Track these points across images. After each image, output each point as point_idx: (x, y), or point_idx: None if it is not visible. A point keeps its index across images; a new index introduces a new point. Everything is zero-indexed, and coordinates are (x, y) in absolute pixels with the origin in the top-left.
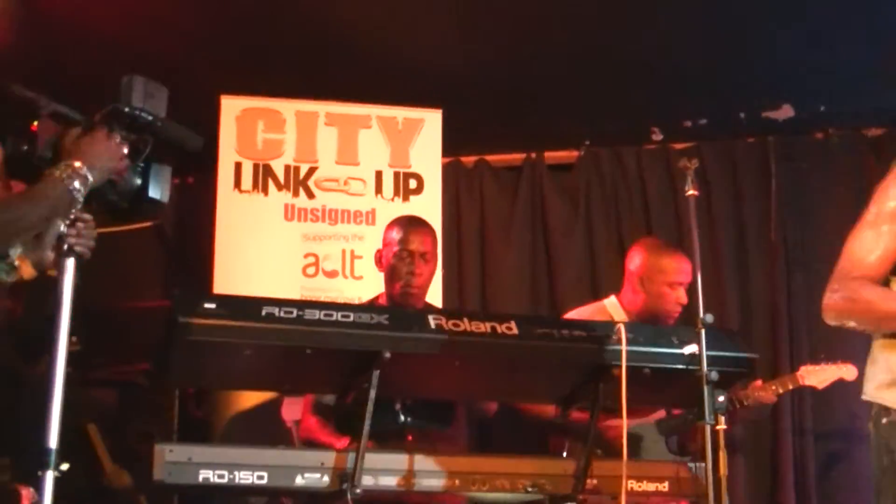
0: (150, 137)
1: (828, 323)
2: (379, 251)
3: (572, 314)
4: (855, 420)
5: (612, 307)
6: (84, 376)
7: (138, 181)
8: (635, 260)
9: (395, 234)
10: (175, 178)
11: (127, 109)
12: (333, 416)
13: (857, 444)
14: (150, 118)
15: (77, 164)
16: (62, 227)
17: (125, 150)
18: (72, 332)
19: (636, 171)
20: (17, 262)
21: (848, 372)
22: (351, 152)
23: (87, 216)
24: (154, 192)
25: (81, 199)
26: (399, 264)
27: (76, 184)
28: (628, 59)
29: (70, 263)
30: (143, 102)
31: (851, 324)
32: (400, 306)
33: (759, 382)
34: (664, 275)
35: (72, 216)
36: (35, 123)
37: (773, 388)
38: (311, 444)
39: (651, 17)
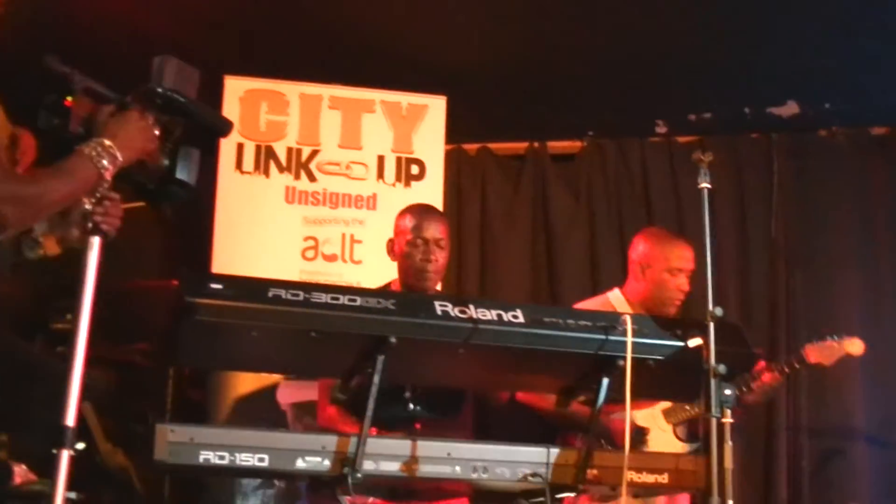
0: (181, 119)
1: None
2: (391, 240)
3: (577, 306)
4: (849, 417)
5: (616, 300)
6: None
7: (167, 163)
8: (638, 248)
9: (409, 222)
10: None
11: (160, 90)
12: (350, 404)
13: (851, 440)
14: (183, 100)
15: (108, 142)
16: (88, 205)
17: (157, 132)
18: (67, 311)
19: (639, 164)
20: (41, 239)
21: (854, 346)
22: (354, 136)
23: (115, 195)
24: (182, 174)
25: (109, 178)
26: (414, 251)
27: (105, 162)
28: (634, 51)
29: (96, 241)
30: (175, 84)
31: None
32: (403, 292)
33: (763, 364)
34: (665, 261)
35: (99, 194)
36: (69, 99)
37: (780, 368)
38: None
39: (658, 11)
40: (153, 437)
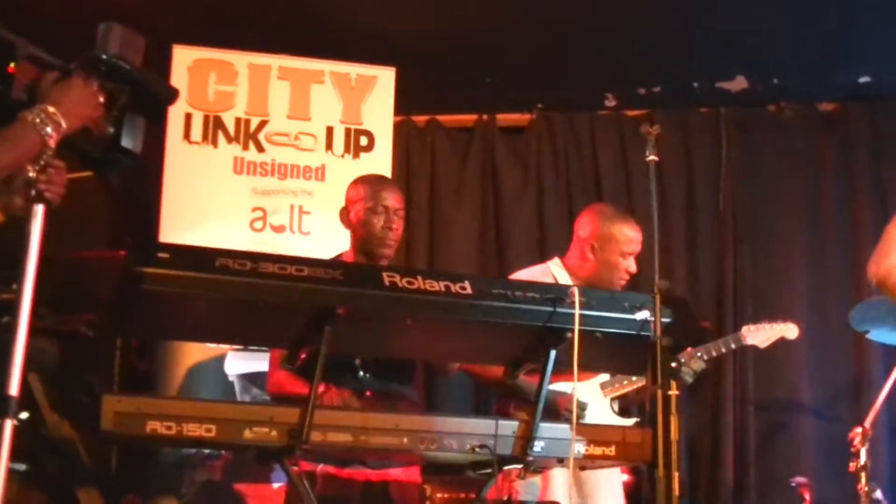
0: (126, 87)
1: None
2: (344, 208)
3: (517, 275)
4: (796, 391)
5: (556, 269)
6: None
7: (112, 130)
8: (587, 227)
9: (369, 190)
10: None
11: (105, 57)
12: (299, 371)
13: (796, 415)
14: (128, 67)
15: (51, 109)
16: (31, 173)
17: (101, 99)
18: (13, 281)
19: (588, 137)
20: None
21: (790, 331)
22: (303, 107)
23: (59, 162)
24: (127, 143)
25: (53, 145)
26: (374, 219)
27: (48, 129)
28: (584, 24)
29: (39, 210)
30: (120, 51)
31: None
32: (350, 263)
33: (689, 350)
34: (617, 244)
35: (42, 161)
36: (12, 65)
37: (715, 350)
38: (282, 398)
39: None
40: (100, 408)
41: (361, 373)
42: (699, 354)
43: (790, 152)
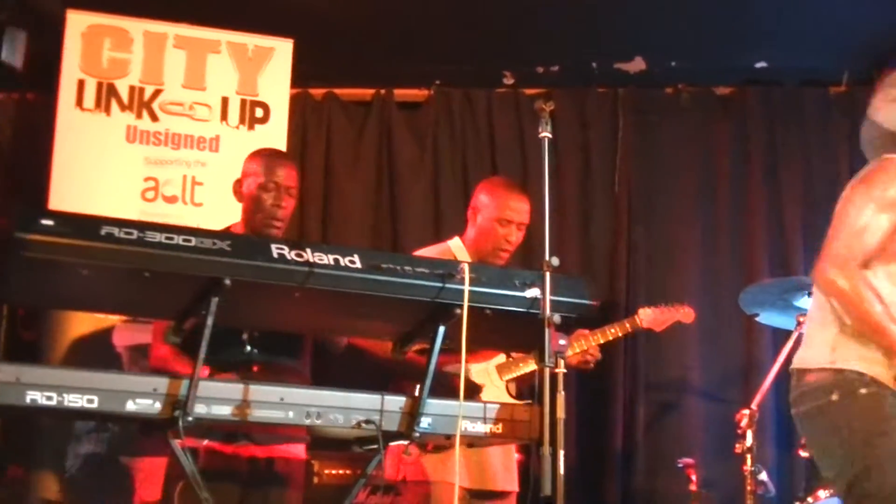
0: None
1: (819, 290)
2: (238, 180)
3: (418, 253)
4: (686, 372)
5: (456, 249)
6: None
7: None
8: (475, 198)
9: (263, 165)
10: (14, 93)
11: None
12: (184, 345)
13: (686, 395)
14: None
15: None
16: None
17: None
18: None
19: (486, 114)
20: None
21: (685, 315)
22: (198, 77)
23: None
24: (8, 57)
25: None
26: (265, 196)
27: None
28: (483, 1)
29: None
30: None
31: (837, 306)
32: (239, 234)
33: (584, 331)
34: (495, 210)
35: None
36: None
37: (612, 331)
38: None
39: None
40: None
41: (248, 347)
42: (611, 331)
43: (686, 135)
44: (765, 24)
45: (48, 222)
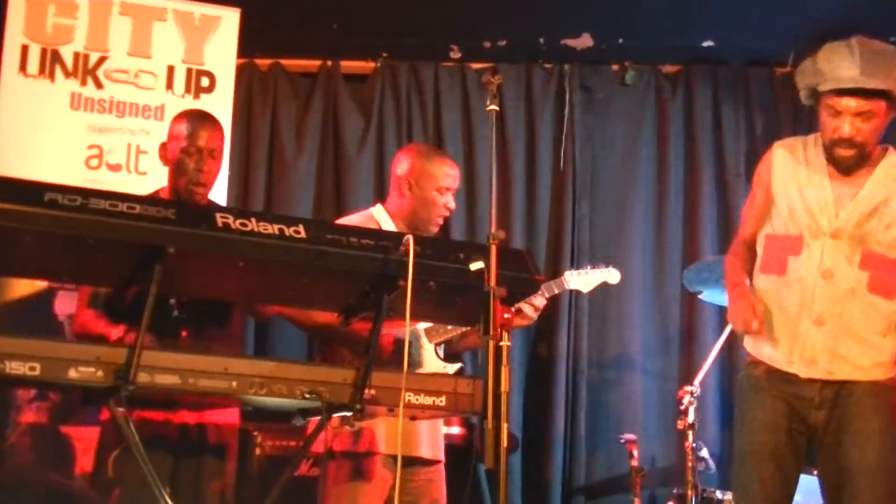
0: None
1: None
2: (164, 144)
3: (341, 222)
4: (628, 348)
5: (379, 215)
6: None
7: None
8: (402, 165)
9: (183, 129)
10: None
11: None
12: (105, 306)
13: (629, 371)
14: None
15: None
16: None
17: None
18: None
19: (432, 87)
20: None
21: (611, 276)
22: (144, 44)
23: None
24: None
25: None
26: (186, 159)
27: None
28: None
29: None
30: None
31: None
32: (183, 202)
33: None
34: (434, 180)
35: None
36: None
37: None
38: (85, 338)
39: None
40: None
41: (176, 312)
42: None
43: (632, 112)
44: (712, 4)
45: None
